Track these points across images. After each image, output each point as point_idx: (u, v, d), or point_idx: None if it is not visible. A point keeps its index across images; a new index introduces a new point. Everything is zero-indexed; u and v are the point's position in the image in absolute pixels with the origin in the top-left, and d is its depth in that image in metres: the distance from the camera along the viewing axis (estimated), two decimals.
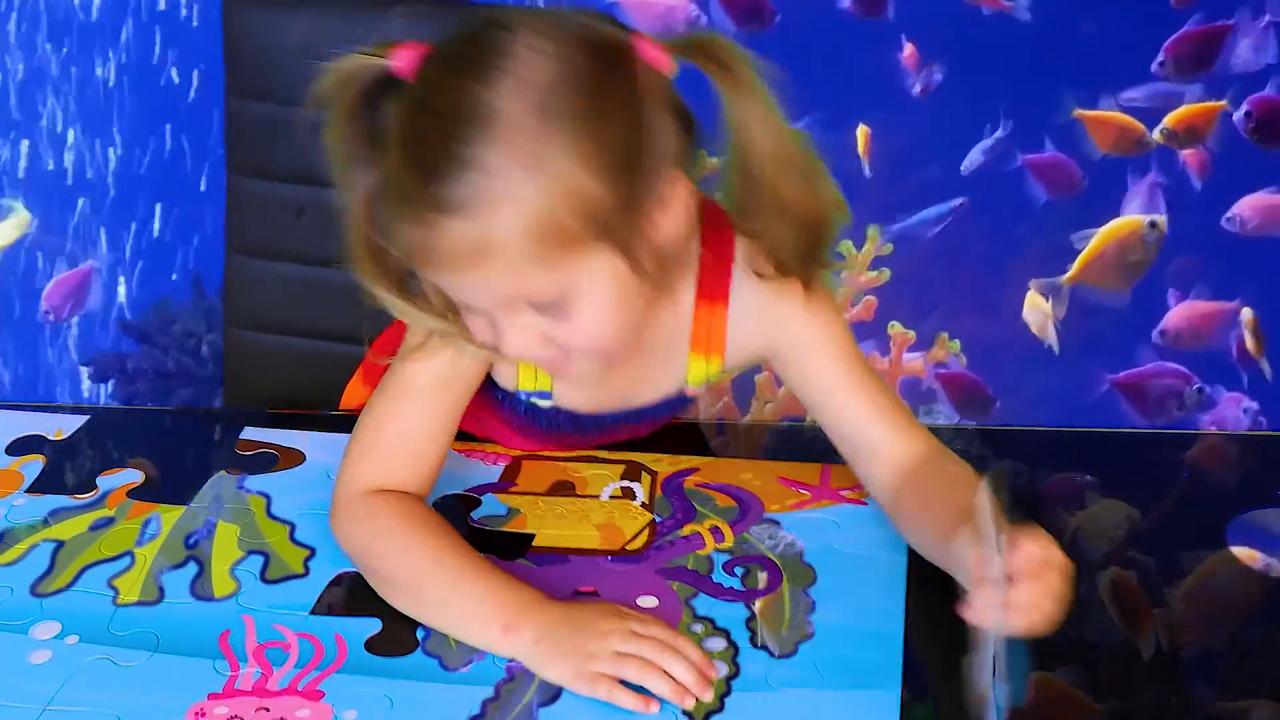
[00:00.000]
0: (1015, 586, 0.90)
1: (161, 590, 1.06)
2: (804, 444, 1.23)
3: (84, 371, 2.42)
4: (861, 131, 2.33)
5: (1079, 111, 2.29)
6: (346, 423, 1.20)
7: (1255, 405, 2.32)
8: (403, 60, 0.98)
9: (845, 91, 2.29)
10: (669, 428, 1.24)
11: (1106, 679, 1.01)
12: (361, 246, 1.02)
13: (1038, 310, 2.34)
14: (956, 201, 2.33)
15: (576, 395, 1.17)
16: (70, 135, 2.37)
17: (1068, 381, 2.36)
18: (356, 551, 1.08)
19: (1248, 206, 2.29)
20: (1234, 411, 2.34)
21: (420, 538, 1.06)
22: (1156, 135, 2.29)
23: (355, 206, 1.01)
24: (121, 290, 2.39)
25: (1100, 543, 1.13)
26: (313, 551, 1.10)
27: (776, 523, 1.13)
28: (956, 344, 2.37)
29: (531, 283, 0.97)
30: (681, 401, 1.20)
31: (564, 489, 1.17)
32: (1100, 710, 0.98)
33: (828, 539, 1.11)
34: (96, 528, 1.14)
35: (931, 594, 1.04)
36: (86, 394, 2.41)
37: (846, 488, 1.16)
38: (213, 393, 2.34)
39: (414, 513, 1.09)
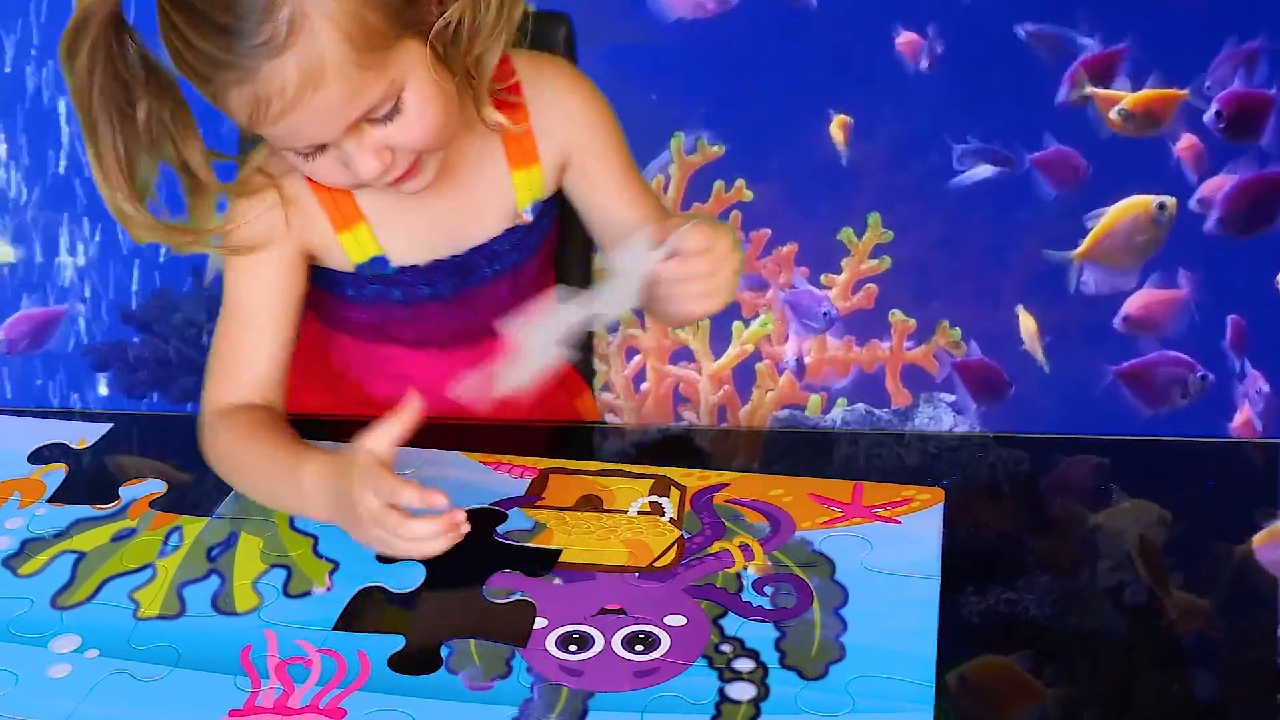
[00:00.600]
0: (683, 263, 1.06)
1: (183, 604, 1.05)
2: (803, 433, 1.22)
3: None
4: (839, 121, 2.31)
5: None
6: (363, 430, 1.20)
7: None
8: None
9: (845, 77, 2.28)
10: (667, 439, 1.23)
11: (1107, 668, 0.99)
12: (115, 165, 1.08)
13: (1026, 329, 2.33)
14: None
15: (410, 247, 1.23)
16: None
17: (1070, 374, 2.34)
18: (215, 465, 1.17)
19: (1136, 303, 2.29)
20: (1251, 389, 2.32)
21: (252, 442, 1.15)
22: (1114, 115, 2.27)
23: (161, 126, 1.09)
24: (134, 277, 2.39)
25: (1126, 543, 1.11)
26: (336, 565, 1.09)
27: (808, 541, 1.11)
28: (958, 332, 2.36)
29: (365, 92, 1.05)
30: (524, 235, 1.27)
31: (591, 503, 1.15)
32: (1100, 700, 0.96)
33: (859, 558, 1.09)
34: (118, 539, 1.12)
35: (965, 616, 1.02)
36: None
37: (879, 505, 1.14)
38: None
39: (248, 423, 1.17)
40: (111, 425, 1.27)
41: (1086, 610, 1.04)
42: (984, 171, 2.30)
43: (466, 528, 1.05)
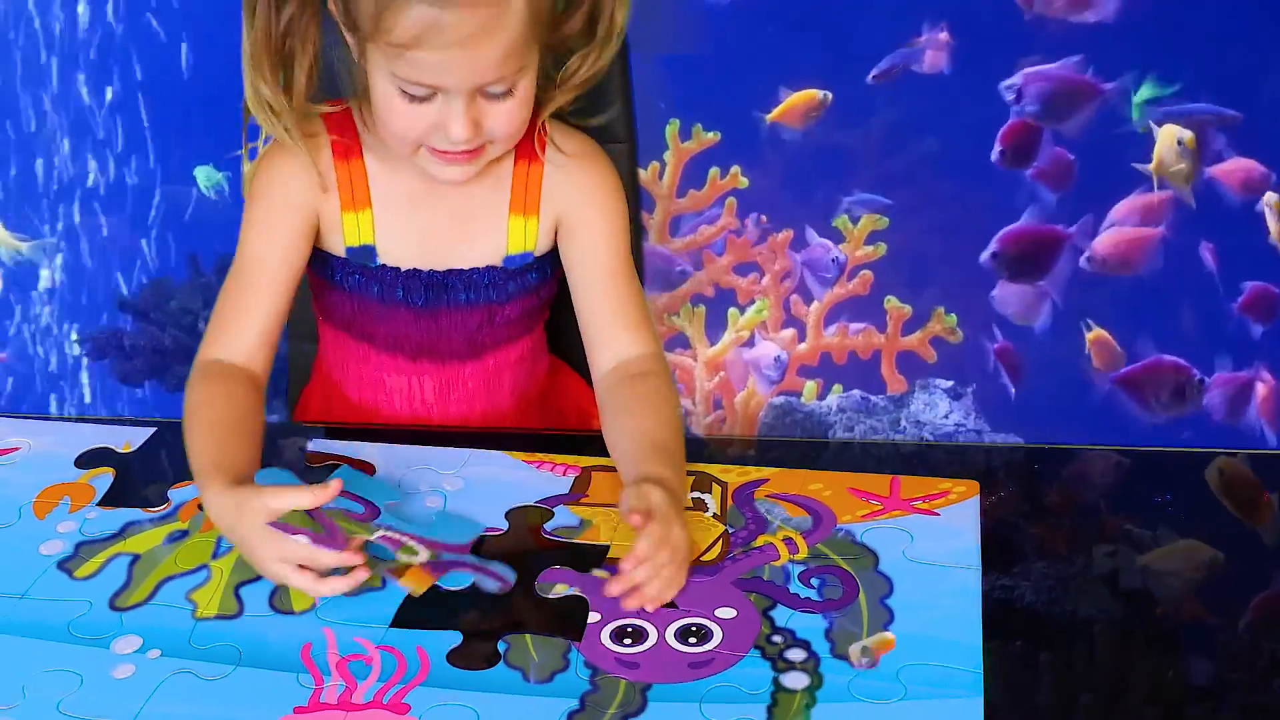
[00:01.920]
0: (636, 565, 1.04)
1: (241, 603, 1.07)
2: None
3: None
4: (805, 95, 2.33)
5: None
6: (412, 435, 1.25)
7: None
8: None
9: (843, 58, 2.30)
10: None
11: (1103, 652, 1.02)
12: (263, 52, 1.17)
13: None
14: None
15: (400, 248, 1.29)
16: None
17: (1066, 381, 2.37)
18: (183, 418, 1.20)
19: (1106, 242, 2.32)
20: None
21: (201, 411, 1.18)
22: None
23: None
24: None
25: (1177, 583, 1.13)
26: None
27: (850, 533, 1.13)
28: (953, 318, 2.38)
29: (510, 62, 1.14)
30: (503, 279, 1.31)
31: None
32: (1097, 684, 0.99)
33: (901, 549, 1.11)
34: (171, 540, 1.14)
35: (1006, 604, 1.05)
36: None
37: (917, 498, 1.17)
38: None
39: (214, 390, 1.21)
40: (155, 429, 1.28)
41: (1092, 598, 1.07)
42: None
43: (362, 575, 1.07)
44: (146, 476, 1.23)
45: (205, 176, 2.37)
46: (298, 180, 1.26)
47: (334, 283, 1.31)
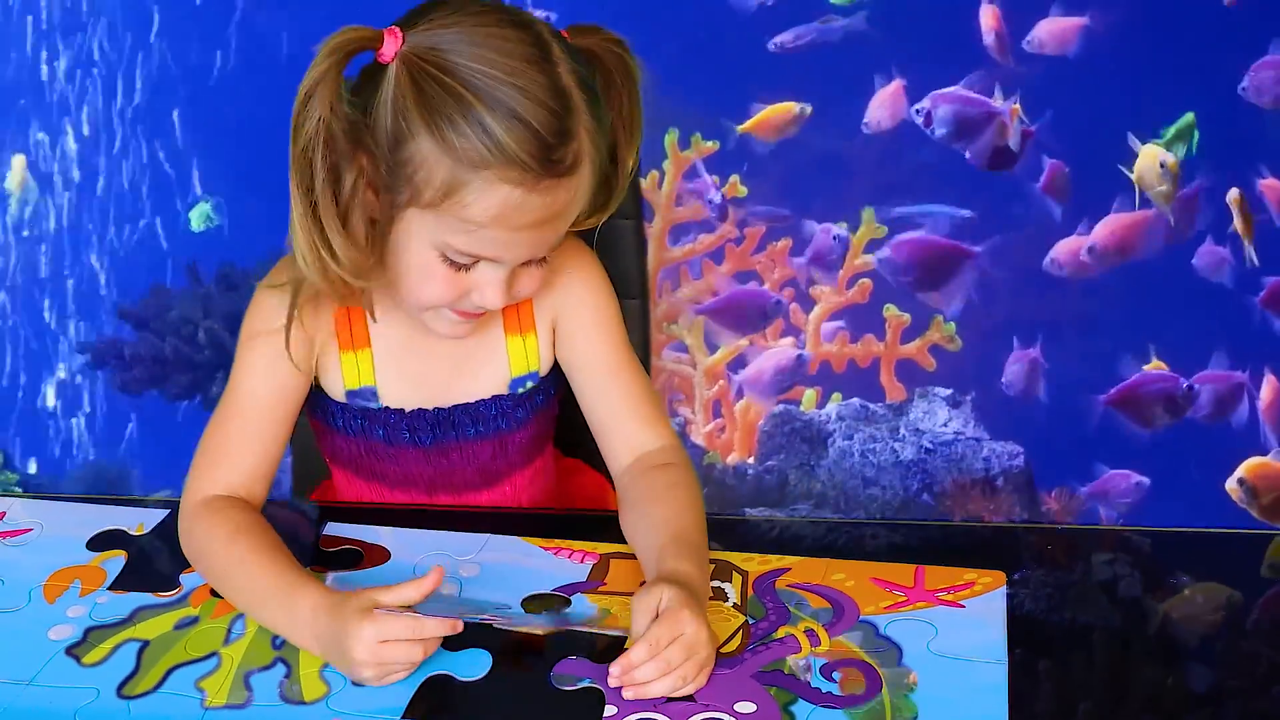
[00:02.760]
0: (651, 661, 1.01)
1: (250, 692, 1.05)
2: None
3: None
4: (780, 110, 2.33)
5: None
6: (425, 518, 1.24)
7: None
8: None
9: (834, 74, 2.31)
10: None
11: (1103, 660, 1.01)
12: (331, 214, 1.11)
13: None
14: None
15: (401, 389, 1.27)
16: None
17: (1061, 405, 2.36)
18: (192, 557, 1.18)
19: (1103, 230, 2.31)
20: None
21: (240, 549, 1.14)
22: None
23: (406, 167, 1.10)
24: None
25: (1197, 628, 1.10)
26: None
27: (873, 626, 1.11)
28: (951, 327, 2.36)
29: (558, 238, 1.16)
30: (511, 407, 1.29)
31: None
32: (1098, 691, 0.98)
33: (925, 642, 1.09)
34: (181, 626, 1.12)
35: (1033, 701, 1.02)
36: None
37: (942, 589, 1.14)
38: (209, 380, 2.37)
39: (236, 520, 1.17)
40: (169, 510, 1.27)
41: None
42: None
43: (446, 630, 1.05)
44: (159, 559, 1.21)
45: (199, 216, 2.37)
46: (304, 322, 1.21)
47: (337, 428, 1.30)
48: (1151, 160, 2.30)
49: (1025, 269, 2.36)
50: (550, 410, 1.35)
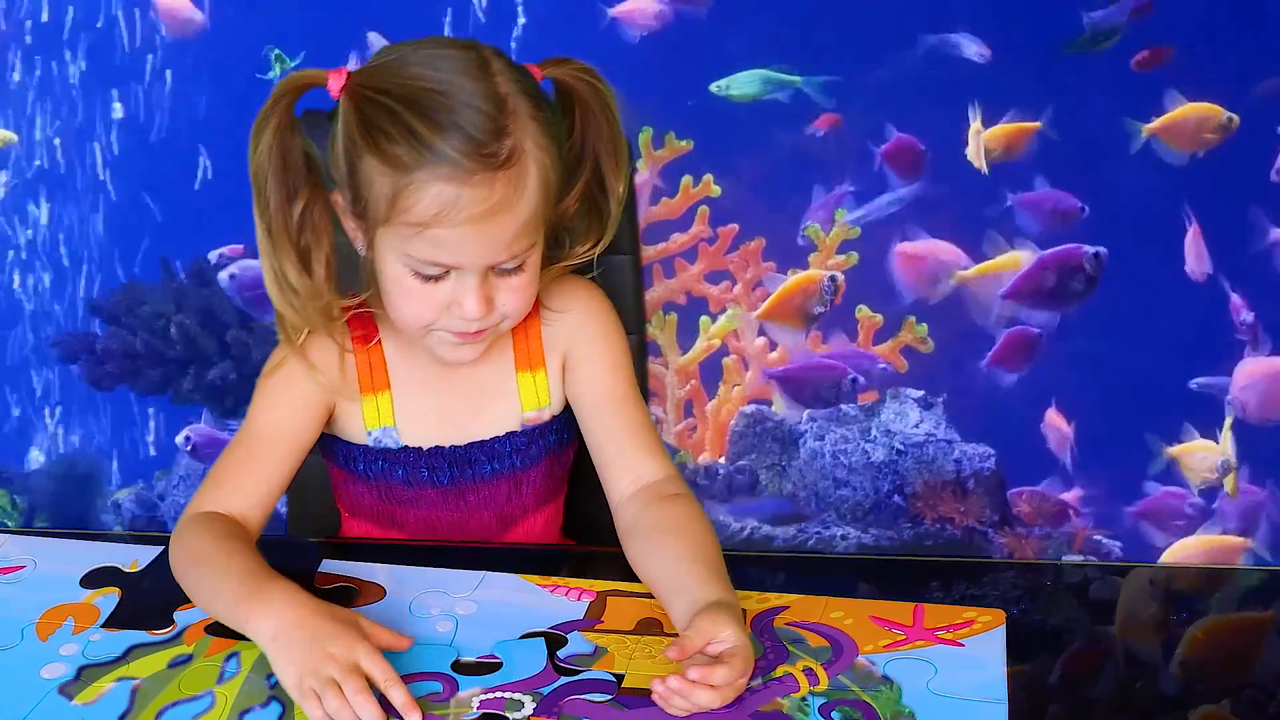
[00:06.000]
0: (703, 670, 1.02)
1: None
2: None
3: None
4: None
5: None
6: (421, 555, 1.24)
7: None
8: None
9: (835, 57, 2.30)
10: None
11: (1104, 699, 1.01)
12: (284, 241, 1.16)
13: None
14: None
15: (420, 427, 1.30)
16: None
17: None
18: (175, 558, 1.19)
19: None
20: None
21: (223, 541, 1.16)
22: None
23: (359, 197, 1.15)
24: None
25: (1204, 666, 1.11)
26: None
27: (872, 664, 1.10)
28: (924, 328, 2.36)
29: (522, 239, 1.16)
30: (524, 443, 1.32)
31: (650, 627, 1.15)
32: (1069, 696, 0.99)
33: (925, 681, 1.08)
34: (175, 665, 1.11)
35: None
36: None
37: (941, 628, 1.13)
38: (180, 375, 2.37)
39: (228, 529, 1.19)
40: (163, 548, 1.26)
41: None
42: None
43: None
44: (152, 597, 1.20)
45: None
46: (317, 363, 1.25)
47: (357, 473, 1.32)
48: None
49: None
50: (564, 454, 1.37)
